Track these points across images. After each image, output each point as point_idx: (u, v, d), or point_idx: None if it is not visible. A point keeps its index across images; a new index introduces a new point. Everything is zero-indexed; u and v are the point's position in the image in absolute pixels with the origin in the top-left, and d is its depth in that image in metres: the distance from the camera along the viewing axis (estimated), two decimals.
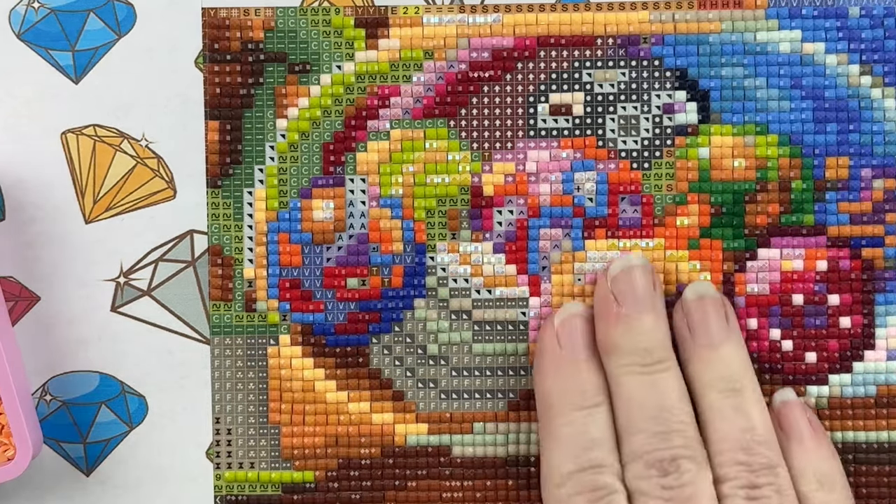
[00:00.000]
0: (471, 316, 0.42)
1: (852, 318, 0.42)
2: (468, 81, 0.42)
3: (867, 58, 0.41)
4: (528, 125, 0.42)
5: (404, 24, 0.42)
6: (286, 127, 0.42)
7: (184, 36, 0.42)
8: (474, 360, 0.42)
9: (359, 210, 0.42)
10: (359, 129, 0.42)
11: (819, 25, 0.41)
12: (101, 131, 0.42)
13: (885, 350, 0.42)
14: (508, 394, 0.42)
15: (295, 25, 0.42)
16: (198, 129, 0.42)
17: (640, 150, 0.42)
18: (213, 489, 0.42)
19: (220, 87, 0.42)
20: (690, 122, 0.41)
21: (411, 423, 0.42)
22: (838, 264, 0.42)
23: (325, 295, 0.42)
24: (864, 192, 0.41)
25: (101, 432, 0.42)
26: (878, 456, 0.41)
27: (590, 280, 0.42)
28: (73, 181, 0.42)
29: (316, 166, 0.42)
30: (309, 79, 0.42)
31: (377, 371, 0.42)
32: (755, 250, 0.42)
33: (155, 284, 0.42)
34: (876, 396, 0.42)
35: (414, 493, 0.42)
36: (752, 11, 0.41)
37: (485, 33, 0.42)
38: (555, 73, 0.42)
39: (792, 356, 0.42)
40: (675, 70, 0.41)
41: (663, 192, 0.42)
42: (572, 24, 0.41)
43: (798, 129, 0.41)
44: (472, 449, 0.42)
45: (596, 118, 0.42)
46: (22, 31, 0.42)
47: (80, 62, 0.42)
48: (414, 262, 0.42)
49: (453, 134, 0.42)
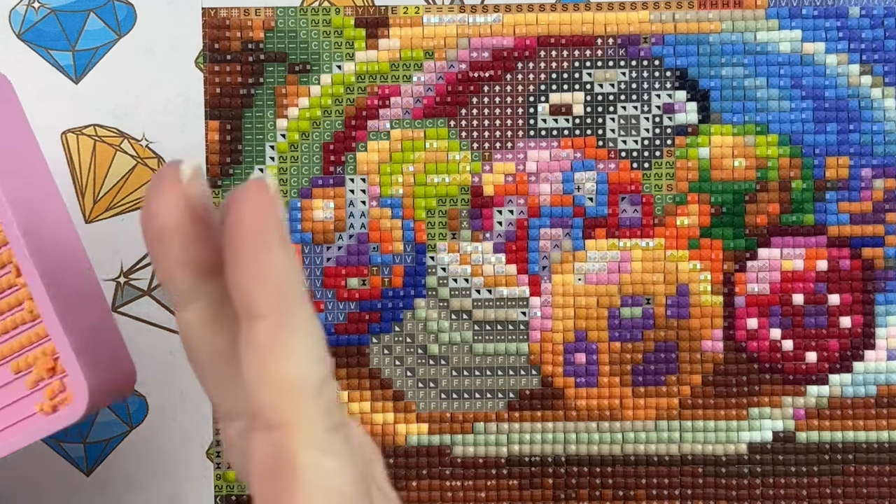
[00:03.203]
0: (471, 316, 0.42)
1: (852, 317, 0.42)
2: (468, 81, 0.42)
3: (867, 58, 0.41)
4: (528, 125, 0.42)
5: (404, 24, 0.42)
6: (286, 127, 0.42)
7: (184, 36, 0.42)
8: (474, 360, 0.42)
9: (359, 210, 0.42)
10: (359, 129, 0.42)
11: (819, 25, 0.41)
12: (101, 131, 0.42)
13: (885, 350, 0.42)
14: (508, 394, 0.42)
15: (295, 25, 0.42)
16: (198, 129, 0.42)
17: (640, 150, 0.42)
18: (213, 489, 0.42)
19: (220, 87, 0.42)
20: (690, 121, 0.41)
21: (412, 423, 0.42)
22: (838, 264, 0.42)
23: (326, 295, 0.42)
24: (864, 191, 0.41)
25: (101, 432, 0.42)
26: (879, 456, 0.41)
27: (590, 280, 0.42)
28: (73, 181, 0.42)
29: (316, 166, 0.42)
30: (309, 79, 0.42)
31: (377, 371, 0.42)
32: (755, 250, 0.42)
33: (155, 284, 0.42)
34: (876, 396, 0.42)
35: (414, 492, 0.42)
36: (752, 11, 0.41)
37: (485, 33, 0.42)
38: (555, 73, 0.42)
39: (792, 356, 0.42)
40: (675, 70, 0.41)
41: (663, 192, 0.42)
42: (572, 24, 0.41)
43: (798, 129, 0.41)
44: (473, 449, 0.42)
45: (596, 118, 0.42)
46: (22, 31, 0.42)
47: (80, 62, 0.42)
48: (414, 262, 0.42)
49: (453, 134, 0.42)
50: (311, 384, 0.23)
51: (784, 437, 0.42)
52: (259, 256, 0.23)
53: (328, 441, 0.23)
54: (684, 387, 0.42)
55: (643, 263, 0.42)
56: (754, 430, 0.42)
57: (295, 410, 0.23)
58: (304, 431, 0.23)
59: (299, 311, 0.23)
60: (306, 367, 0.23)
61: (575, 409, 0.42)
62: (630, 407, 0.42)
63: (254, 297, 0.23)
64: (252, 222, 0.23)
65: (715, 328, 0.42)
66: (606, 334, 0.42)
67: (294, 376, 0.23)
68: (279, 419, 0.23)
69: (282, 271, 0.23)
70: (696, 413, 0.42)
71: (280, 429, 0.23)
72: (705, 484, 0.42)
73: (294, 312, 0.23)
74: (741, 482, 0.42)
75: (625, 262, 0.42)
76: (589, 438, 0.42)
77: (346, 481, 0.23)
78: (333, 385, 0.24)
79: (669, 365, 0.42)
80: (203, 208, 0.24)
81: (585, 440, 0.42)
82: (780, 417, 0.42)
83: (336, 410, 0.24)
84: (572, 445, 0.42)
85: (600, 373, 0.42)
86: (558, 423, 0.42)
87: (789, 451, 0.42)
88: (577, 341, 0.42)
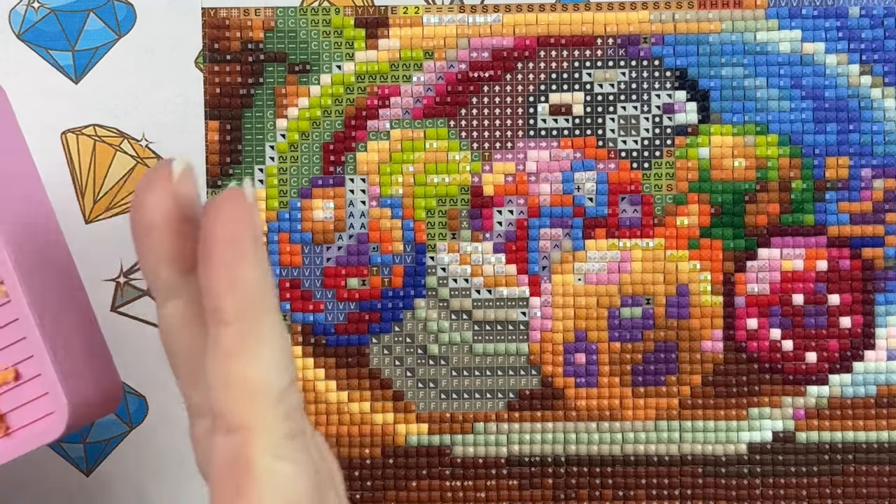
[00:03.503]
0: (471, 316, 0.42)
1: (852, 317, 0.42)
2: (468, 81, 0.42)
3: (867, 58, 0.41)
4: (528, 125, 0.42)
5: (404, 24, 0.42)
6: (286, 127, 0.42)
7: (184, 36, 0.42)
8: (474, 360, 0.42)
9: (359, 210, 0.42)
10: (359, 129, 0.42)
11: (819, 25, 0.41)
12: (101, 131, 0.42)
13: (885, 350, 0.42)
14: (508, 394, 0.42)
15: (295, 25, 0.42)
16: (198, 130, 0.42)
17: (640, 150, 0.42)
18: None
19: (220, 87, 0.42)
20: (690, 121, 0.41)
21: (412, 423, 0.42)
22: (838, 264, 0.42)
23: (326, 295, 0.42)
24: (864, 191, 0.41)
25: (101, 432, 0.42)
26: (879, 456, 0.41)
27: (590, 280, 0.42)
28: (73, 181, 0.42)
29: (316, 166, 0.42)
30: (309, 79, 0.42)
31: (377, 371, 0.42)
32: (755, 250, 0.42)
33: None
34: (876, 396, 0.42)
35: (414, 492, 0.42)
36: (752, 11, 0.41)
37: (485, 33, 0.42)
38: (555, 73, 0.42)
39: (792, 356, 0.42)
40: (675, 70, 0.41)
41: (663, 192, 0.42)
42: (572, 24, 0.41)
43: (798, 129, 0.41)
44: (473, 449, 0.42)
45: (596, 118, 0.42)
46: (22, 31, 0.42)
47: (80, 62, 0.42)
48: (414, 262, 0.42)
49: (453, 134, 0.42)
50: (272, 391, 0.24)
51: (784, 437, 0.42)
52: (230, 264, 0.23)
53: (286, 447, 0.24)
54: (684, 387, 0.42)
55: (643, 263, 0.42)
56: (754, 430, 0.42)
57: (255, 416, 0.23)
58: (263, 437, 0.23)
59: (266, 319, 0.24)
60: (269, 375, 0.24)
61: (575, 409, 0.42)
62: (630, 407, 0.42)
63: (223, 303, 0.23)
64: (226, 231, 0.23)
65: (715, 328, 0.42)
66: (606, 334, 0.42)
67: (256, 382, 0.23)
68: (239, 423, 0.23)
69: (252, 280, 0.23)
70: (696, 413, 0.42)
71: (239, 432, 0.23)
72: (705, 484, 0.42)
73: (261, 320, 0.24)
74: (741, 482, 0.42)
75: (625, 263, 0.42)
76: (589, 438, 0.42)
77: (301, 487, 0.24)
78: (296, 393, 0.25)
79: (669, 365, 0.42)
80: (191, 207, 0.24)
81: (585, 440, 0.42)
82: (779, 417, 0.42)
83: (296, 418, 0.24)
84: (572, 445, 0.42)
85: (600, 373, 0.42)
86: (558, 424, 0.42)
87: (789, 451, 0.42)
88: (577, 341, 0.42)
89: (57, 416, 0.32)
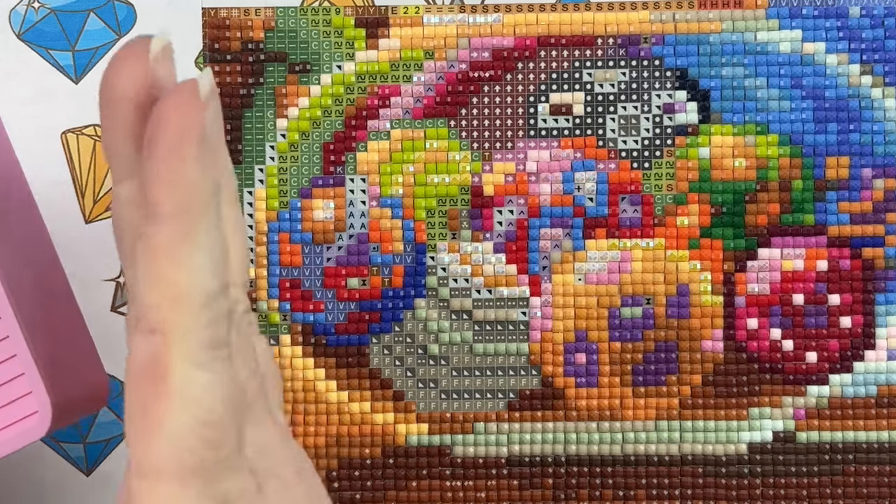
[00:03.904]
0: (471, 316, 0.42)
1: (853, 317, 0.42)
2: (468, 81, 0.42)
3: (867, 58, 0.41)
4: (528, 125, 0.42)
5: (404, 24, 0.42)
6: (286, 127, 0.42)
7: (184, 36, 0.42)
8: (474, 360, 0.42)
9: (359, 210, 0.42)
10: (359, 129, 0.42)
11: (819, 25, 0.41)
12: (101, 131, 0.42)
13: (885, 350, 0.42)
14: (508, 394, 0.42)
15: (295, 25, 0.42)
16: None
17: (641, 150, 0.42)
18: None
19: (220, 87, 0.42)
20: (691, 121, 0.41)
21: (412, 423, 0.42)
22: (838, 264, 0.42)
23: (326, 295, 0.42)
24: (864, 191, 0.41)
25: (101, 432, 0.42)
26: (879, 456, 0.41)
27: (590, 280, 0.42)
28: (73, 181, 0.42)
29: (316, 166, 0.42)
30: (309, 79, 0.42)
31: (377, 371, 0.42)
32: (755, 250, 0.42)
33: None
34: (876, 396, 0.42)
35: (415, 492, 0.42)
36: (752, 11, 0.41)
37: (485, 33, 0.42)
38: (555, 73, 0.42)
39: (792, 356, 0.42)
40: (676, 70, 0.41)
41: (663, 192, 0.42)
42: (572, 24, 0.41)
43: (798, 129, 0.41)
44: (473, 449, 0.42)
45: (596, 118, 0.42)
46: (22, 31, 0.42)
47: (80, 62, 0.42)
48: (414, 262, 0.42)
49: (453, 134, 0.42)
50: (198, 296, 0.23)
51: (784, 437, 0.42)
52: (172, 160, 0.22)
53: (205, 355, 0.23)
54: (684, 387, 0.42)
55: (643, 263, 0.42)
56: (754, 430, 0.42)
57: (177, 318, 0.23)
58: (182, 342, 0.23)
59: (203, 221, 0.23)
60: (197, 277, 0.23)
61: (575, 409, 0.42)
62: (630, 407, 0.42)
63: (159, 198, 0.22)
64: (172, 124, 0.22)
65: (715, 328, 0.42)
66: (606, 334, 0.42)
67: (182, 284, 0.23)
68: (160, 324, 0.23)
69: (193, 179, 0.22)
70: (696, 413, 0.42)
71: (159, 335, 0.23)
72: (705, 484, 0.42)
73: (197, 221, 0.23)
74: (741, 482, 0.42)
75: (625, 262, 0.42)
76: (589, 438, 0.42)
77: (217, 398, 0.23)
78: (228, 302, 0.24)
79: (669, 365, 0.42)
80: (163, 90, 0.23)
81: (585, 440, 0.42)
82: (780, 417, 0.42)
83: (221, 326, 0.23)
84: (572, 445, 0.42)
85: (600, 373, 0.42)
86: (558, 423, 0.42)
87: (789, 451, 0.42)
88: (577, 341, 0.42)
89: (41, 415, 0.32)
